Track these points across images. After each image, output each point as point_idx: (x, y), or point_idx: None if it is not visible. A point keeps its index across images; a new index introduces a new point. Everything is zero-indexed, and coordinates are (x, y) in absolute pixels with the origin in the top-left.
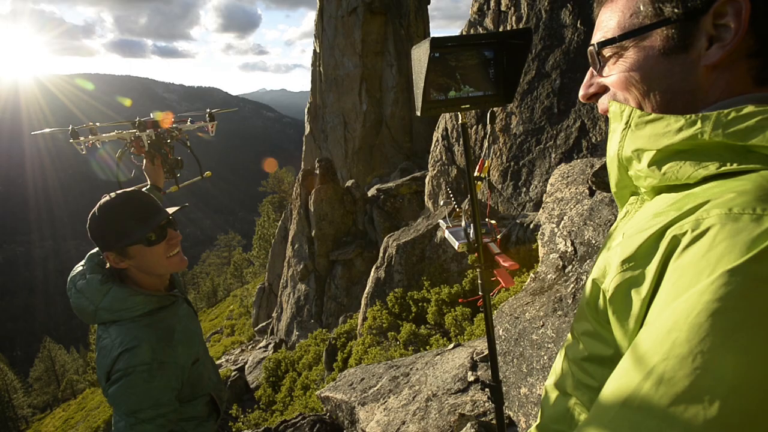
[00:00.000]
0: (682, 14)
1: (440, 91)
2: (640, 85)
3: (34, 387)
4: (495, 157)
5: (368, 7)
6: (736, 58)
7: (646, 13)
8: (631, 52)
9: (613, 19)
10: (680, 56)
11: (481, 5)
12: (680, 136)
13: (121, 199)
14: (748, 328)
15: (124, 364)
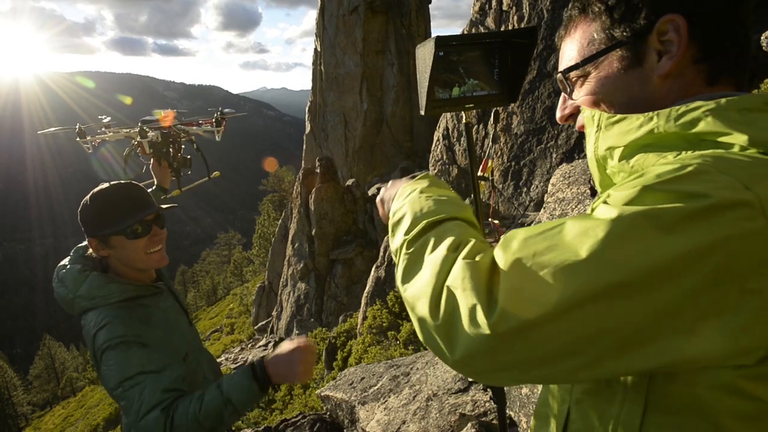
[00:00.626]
0: (630, 36)
1: (444, 90)
2: (606, 100)
3: (33, 384)
4: (496, 156)
5: (369, 6)
6: (685, 65)
7: (600, 40)
8: (593, 74)
9: (573, 49)
10: (636, 71)
11: (483, 4)
12: (641, 131)
13: (114, 188)
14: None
15: (101, 341)
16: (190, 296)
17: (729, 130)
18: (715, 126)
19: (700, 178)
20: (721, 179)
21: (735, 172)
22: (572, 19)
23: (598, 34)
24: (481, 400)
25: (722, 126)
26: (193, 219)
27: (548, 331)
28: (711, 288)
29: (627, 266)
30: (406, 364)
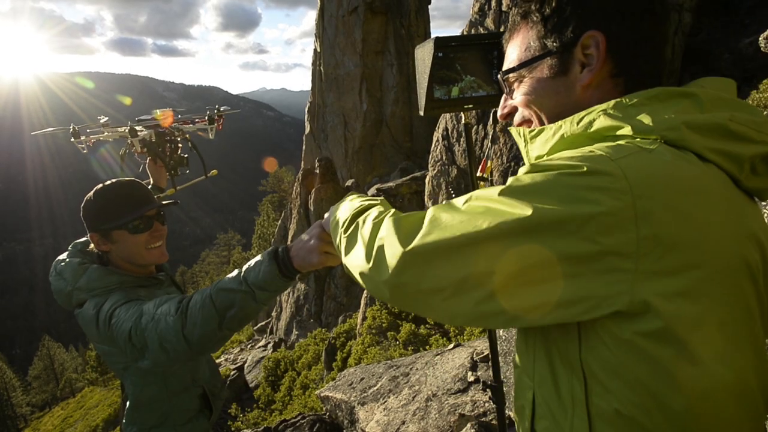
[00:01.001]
0: (559, 46)
1: (443, 90)
2: (536, 102)
3: (32, 385)
4: (495, 157)
5: (369, 7)
6: (603, 78)
7: (535, 47)
8: (527, 78)
9: (513, 53)
10: (562, 79)
11: (482, 5)
12: (555, 137)
13: (117, 185)
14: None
15: (107, 308)
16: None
17: (618, 124)
18: (606, 122)
19: (579, 155)
20: (595, 155)
21: (608, 150)
22: (516, 24)
23: (534, 41)
24: (481, 400)
25: (612, 121)
26: (192, 219)
27: (451, 260)
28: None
29: (502, 221)
30: (405, 365)
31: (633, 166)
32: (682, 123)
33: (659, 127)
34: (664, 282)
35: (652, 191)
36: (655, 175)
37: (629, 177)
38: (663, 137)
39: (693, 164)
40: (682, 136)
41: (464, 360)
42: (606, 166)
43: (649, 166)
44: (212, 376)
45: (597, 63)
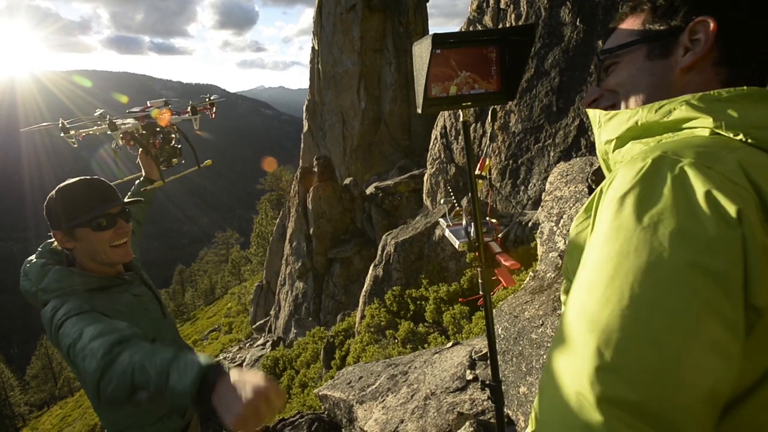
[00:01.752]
0: (666, 30)
1: (441, 88)
2: (627, 83)
3: (31, 385)
4: (494, 155)
5: (367, 5)
6: (705, 65)
7: (638, 32)
8: (624, 60)
9: (621, 36)
10: (662, 61)
11: (480, 3)
12: (629, 122)
13: (79, 182)
14: (631, 238)
15: (60, 315)
16: (188, 296)
17: (697, 115)
18: (685, 112)
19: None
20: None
21: (693, 158)
22: (622, 17)
23: (638, 27)
24: (479, 399)
25: (692, 111)
26: (190, 218)
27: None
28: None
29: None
30: (404, 363)
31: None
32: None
33: (744, 123)
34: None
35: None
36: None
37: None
38: (747, 135)
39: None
40: (767, 136)
41: (463, 358)
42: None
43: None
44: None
45: (703, 47)
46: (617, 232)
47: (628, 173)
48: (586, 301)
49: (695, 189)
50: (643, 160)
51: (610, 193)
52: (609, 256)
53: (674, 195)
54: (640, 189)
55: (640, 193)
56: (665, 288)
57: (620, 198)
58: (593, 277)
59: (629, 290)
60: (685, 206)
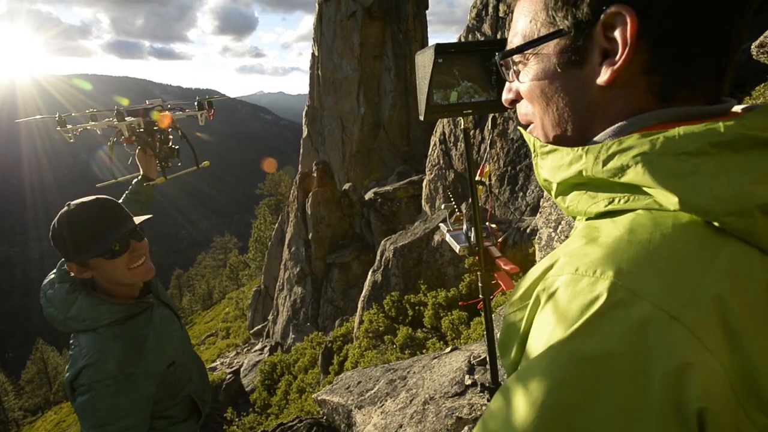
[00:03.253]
0: (572, 25)
1: (443, 96)
2: (541, 99)
3: (25, 389)
4: (492, 161)
5: (367, 12)
6: (632, 74)
7: (542, 21)
8: (532, 61)
9: (519, 22)
10: (575, 72)
11: (479, 11)
12: (571, 170)
13: (83, 209)
14: (564, 412)
15: (88, 379)
16: (185, 300)
17: (659, 187)
18: (643, 179)
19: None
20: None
21: (655, 297)
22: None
23: (541, 12)
24: (478, 403)
25: (651, 180)
26: (189, 222)
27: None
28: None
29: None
30: (402, 368)
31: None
32: (758, 206)
33: (721, 209)
34: None
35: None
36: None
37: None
38: (725, 225)
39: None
40: (752, 227)
41: (461, 363)
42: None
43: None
44: (201, 381)
45: (625, 52)
46: (543, 399)
47: (569, 305)
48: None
49: (651, 369)
50: (591, 287)
51: (546, 321)
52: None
53: (623, 369)
54: (578, 348)
55: (578, 354)
56: None
57: (553, 348)
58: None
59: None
60: (633, 390)
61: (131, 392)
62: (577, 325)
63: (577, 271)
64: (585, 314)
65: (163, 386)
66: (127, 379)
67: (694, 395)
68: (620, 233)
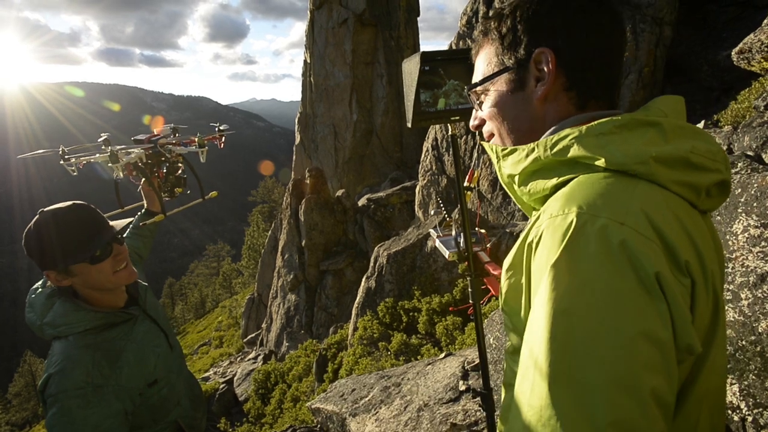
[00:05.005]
0: (515, 63)
1: (430, 103)
2: (499, 115)
3: (12, 403)
4: (484, 167)
5: (359, 19)
6: (557, 92)
7: (495, 63)
8: (491, 91)
9: (479, 68)
10: (520, 93)
11: (470, 18)
12: (528, 160)
13: (63, 213)
14: (572, 300)
15: (55, 389)
16: (177, 309)
17: (591, 155)
18: (580, 152)
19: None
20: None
21: (607, 213)
22: (479, 40)
23: (494, 57)
24: (472, 409)
25: (585, 151)
26: (181, 230)
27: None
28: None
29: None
30: (397, 375)
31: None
32: (651, 157)
33: (630, 161)
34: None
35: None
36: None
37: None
38: (633, 170)
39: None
40: (650, 170)
41: (455, 369)
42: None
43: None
44: (192, 406)
45: (549, 78)
46: (557, 303)
47: (554, 236)
48: (535, 383)
49: (616, 254)
50: (564, 220)
51: (541, 256)
52: (553, 332)
53: (600, 261)
54: (569, 256)
55: (570, 262)
56: (607, 350)
57: (552, 266)
58: (541, 351)
59: (577, 360)
60: (612, 274)
61: (101, 406)
62: (563, 244)
63: (551, 215)
64: (566, 236)
65: (144, 407)
66: (95, 391)
67: (649, 264)
68: (572, 188)
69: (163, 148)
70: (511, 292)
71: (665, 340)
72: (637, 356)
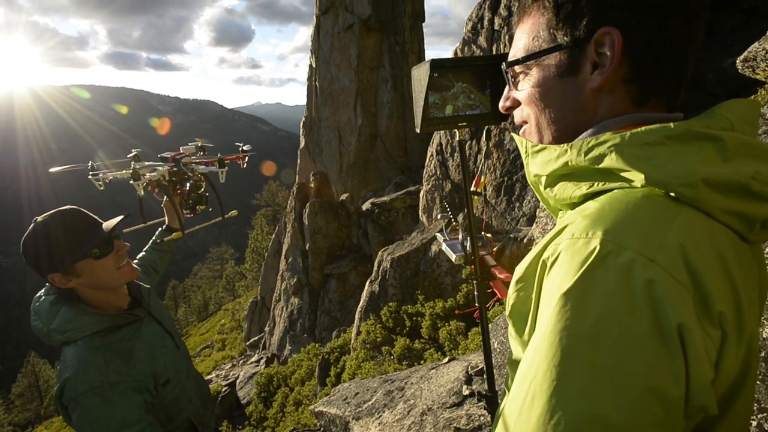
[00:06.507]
0: (570, 41)
1: (439, 108)
2: (540, 101)
3: (15, 404)
4: (489, 172)
5: (364, 24)
6: (615, 83)
7: (544, 38)
8: (534, 71)
9: (521, 40)
10: (570, 79)
11: (475, 24)
12: (558, 162)
13: (61, 215)
14: (578, 337)
15: (73, 392)
16: (180, 312)
17: (629, 168)
18: (617, 163)
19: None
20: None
21: (636, 246)
22: (526, 6)
23: (543, 31)
24: (476, 414)
25: (623, 163)
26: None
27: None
28: None
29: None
30: (400, 379)
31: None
32: (701, 180)
33: (675, 181)
34: None
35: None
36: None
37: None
38: (679, 194)
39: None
40: (697, 195)
41: (459, 374)
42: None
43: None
44: (202, 404)
45: (610, 66)
46: (560, 336)
47: (571, 261)
48: (521, 408)
49: (638, 297)
50: (585, 245)
51: (554, 279)
52: (549, 366)
53: (618, 302)
54: (583, 289)
55: (583, 295)
56: (606, 402)
57: (564, 295)
58: (534, 383)
59: (569, 400)
60: (628, 318)
61: (122, 401)
62: (580, 273)
63: (573, 236)
64: (585, 264)
65: (160, 407)
66: (112, 388)
67: (673, 314)
68: (602, 205)
69: (186, 167)
70: (518, 305)
71: (673, 398)
72: (641, 416)
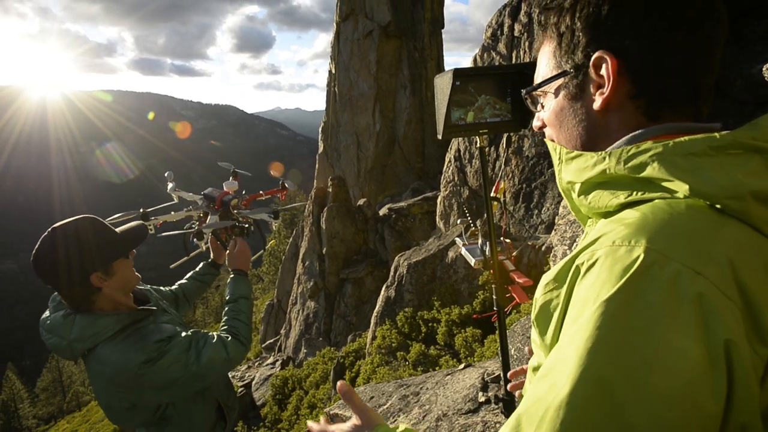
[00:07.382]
0: (572, 67)
1: (460, 116)
2: (556, 122)
3: (40, 398)
4: (507, 179)
5: (384, 31)
6: (622, 101)
7: (554, 65)
8: (549, 95)
9: (539, 66)
10: (579, 101)
11: (495, 31)
12: (595, 170)
13: (89, 222)
14: (617, 346)
15: (131, 366)
16: (198, 312)
17: (672, 178)
18: (659, 173)
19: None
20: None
21: (682, 258)
22: (539, 35)
23: (551, 58)
24: (491, 421)
25: (666, 173)
26: None
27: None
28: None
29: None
30: (416, 384)
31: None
32: (750, 192)
33: (723, 193)
34: None
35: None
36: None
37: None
38: (725, 207)
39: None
40: (745, 208)
41: (475, 380)
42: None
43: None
44: (226, 386)
45: (608, 87)
46: (600, 344)
47: (612, 269)
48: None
49: (686, 311)
50: (628, 253)
51: (591, 285)
52: (579, 370)
53: (662, 314)
54: (626, 299)
55: (625, 305)
56: (639, 413)
57: (604, 302)
58: (566, 388)
59: (606, 414)
60: (672, 331)
61: (172, 351)
62: (622, 282)
63: (614, 243)
64: (627, 273)
65: (198, 377)
66: (159, 352)
67: (722, 329)
68: (644, 214)
69: (237, 213)
70: (544, 309)
71: (711, 416)
72: (673, 430)
